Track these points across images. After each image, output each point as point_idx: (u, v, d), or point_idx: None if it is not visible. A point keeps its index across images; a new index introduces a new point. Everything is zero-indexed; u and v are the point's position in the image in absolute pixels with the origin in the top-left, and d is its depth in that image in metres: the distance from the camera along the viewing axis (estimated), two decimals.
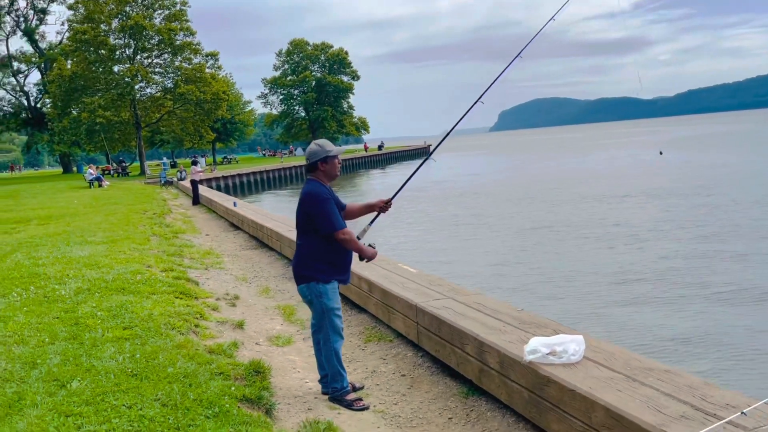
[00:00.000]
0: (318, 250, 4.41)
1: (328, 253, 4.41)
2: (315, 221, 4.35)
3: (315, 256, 4.42)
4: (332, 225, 4.33)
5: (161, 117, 53.40)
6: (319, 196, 4.36)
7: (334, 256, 4.43)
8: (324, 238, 4.38)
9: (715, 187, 25.09)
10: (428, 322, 5.16)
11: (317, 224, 4.35)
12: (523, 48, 5.29)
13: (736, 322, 8.86)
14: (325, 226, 4.33)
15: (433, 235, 18.32)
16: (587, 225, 18.07)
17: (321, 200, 4.34)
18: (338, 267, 4.47)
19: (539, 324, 4.59)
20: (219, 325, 6.28)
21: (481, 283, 11.73)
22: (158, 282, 7.42)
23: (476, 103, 5.24)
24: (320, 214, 4.33)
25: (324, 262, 4.41)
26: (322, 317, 4.46)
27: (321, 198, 4.35)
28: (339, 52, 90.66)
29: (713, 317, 9.14)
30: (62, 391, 3.99)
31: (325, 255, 4.42)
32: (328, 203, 4.35)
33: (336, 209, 4.40)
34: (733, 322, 8.90)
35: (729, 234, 15.29)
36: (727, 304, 9.74)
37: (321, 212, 4.32)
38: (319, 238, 4.40)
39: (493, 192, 30.30)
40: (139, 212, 17.09)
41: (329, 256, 4.42)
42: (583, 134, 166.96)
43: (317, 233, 4.38)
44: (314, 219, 4.35)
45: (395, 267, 7.17)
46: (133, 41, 50.17)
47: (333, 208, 4.36)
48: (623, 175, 33.71)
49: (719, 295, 10.19)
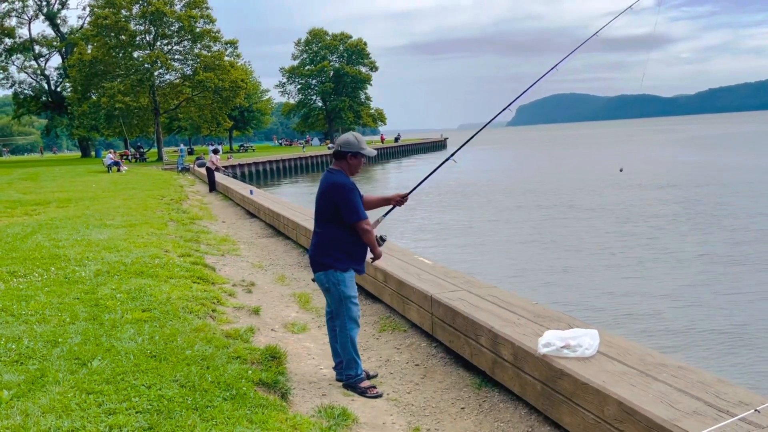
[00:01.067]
0: (337, 238, 4.48)
1: (347, 242, 4.48)
2: (341, 210, 4.41)
3: (334, 244, 4.48)
4: (358, 214, 4.41)
5: (180, 104, 53.73)
6: (346, 185, 4.43)
7: (352, 246, 4.50)
8: (344, 228, 4.45)
9: (737, 187, 24.84)
10: (443, 313, 5.20)
11: (343, 213, 4.41)
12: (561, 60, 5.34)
13: (754, 320, 8.81)
14: (351, 215, 4.40)
15: (450, 228, 18.32)
16: (606, 221, 17.98)
17: (348, 189, 4.41)
18: (355, 257, 4.54)
19: (554, 318, 4.61)
20: (235, 310, 6.36)
21: (497, 276, 11.75)
22: (176, 267, 7.52)
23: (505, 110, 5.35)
24: (347, 203, 4.40)
25: (342, 250, 4.48)
26: (339, 305, 4.52)
27: (348, 187, 4.42)
28: (358, 42, 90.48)
29: (731, 314, 9.10)
30: (83, 369, 4.09)
31: (343, 244, 4.48)
32: (355, 193, 4.43)
33: (360, 200, 4.47)
34: (751, 319, 8.85)
35: (752, 233, 15.16)
36: (747, 302, 9.68)
37: (348, 201, 4.40)
38: (338, 227, 4.46)
39: (511, 187, 30.21)
40: (157, 198, 17.26)
41: (347, 246, 4.49)
42: (603, 131, 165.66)
43: (338, 222, 4.44)
44: (340, 207, 4.41)
45: (411, 258, 7.21)
46: (153, 27, 50.48)
47: (359, 198, 4.46)
48: (639, 172, 33.45)
49: (738, 294, 10.13)
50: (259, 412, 3.61)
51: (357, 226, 4.42)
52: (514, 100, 5.31)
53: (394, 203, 4.90)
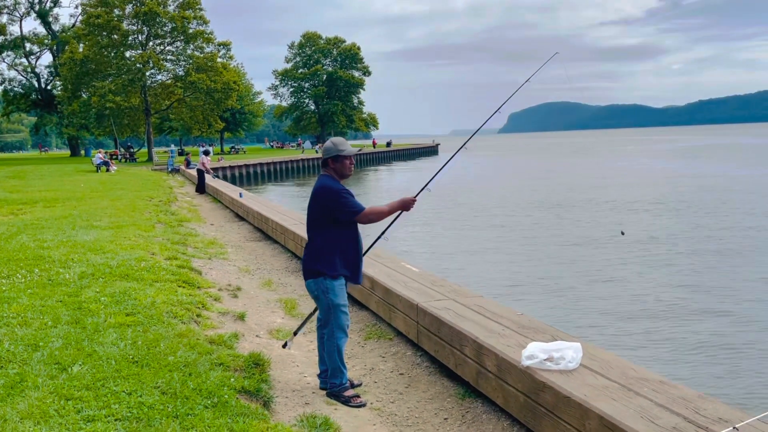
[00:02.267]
0: (327, 245, 4.44)
1: (337, 248, 4.44)
2: (335, 212, 4.38)
3: (325, 249, 4.44)
4: (354, 208, 4.37)
5: (171, 104, 53.56)
6: (333, 187, 4.41)
7: (343, 253, 4.46)
8: (335, 234, 4.41)
9: (725, 199, 25.02)
10: (428, 323, 5.19)
11: (338, 214, 4.37)
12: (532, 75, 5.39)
13: (736, 336, 8.86)
14: (348, 212, 4.37)
15: (439, 237, 18.34)
16: (595, 232, 18.06)
17: (336, 190, 4.39)
18: (348, 263, 4.49)
19: (538, 329, 4.61)
20: (220, 315, 6.33)
21: (484, 285, 11.76)
22: (162, 270, 7.47)
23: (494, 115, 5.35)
24: (339, 203, 4.37)
25: (334, 256, 4.43)
26: (328, 313, 4.49)
27: (335, 188, 4.40)
28: (351, 47, 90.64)
29: (715, 328, 9.15)
30: (63, 374, 4.04)
31: (335, 249, 4.44)
32: (344, 191, 4.39)
33: (352, 197, 4.43)
34: (733, 335, 8.89)
35: (735, 246, 15.26)
36: (730, 317, 9.74)
37: (339, 201, 4.37)
38: (329, 234, 4.43)
39: (500, 195, 30.28)
40: (146, 199, 17.17)
41: (338, 252, 4.44)
42: (594, 140, 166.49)
43: (329, 228, 4.41)
44: (334, 210, 4.38)
45: (398, 266, 7.20)
46: (146, 27, 50.36)
47: (349, 195, 4.41)
48: (631, 184, 33.65)
49: (722, 309, 10.18)
50: (240, 421, 3.58)
51: (362, 219, 4.38)
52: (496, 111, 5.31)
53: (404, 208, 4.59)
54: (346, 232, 4.47)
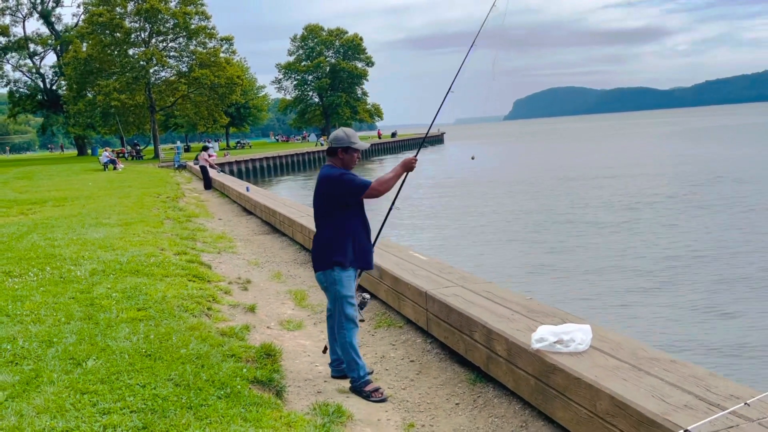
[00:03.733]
0: (337, 233, 4.42)
1: (348, 236, 4.43)
2: (345, 197, 4.37)
3: (335, 239, 4.43)
4: (361, 185, 4.36)
5: (175, 101, 53.57)
6: (333, 174, 4.41)
7: (354, 240, 4.45)
8: (342, 224, 4.41)
9: (730, 180, 24.88)
10: (438, 309, 5.21)
11: (347, 196, 4.37)
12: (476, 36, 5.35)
13: (745, 315, 8.83)
14: (356, 191, 4.36)
15: (446, 225, 18.33)
16: (601, 215, 18.00)
17: (339, 174, 4.39)
18: (358, 250, 4.48)
19: (547, 313, 4.62)
20: (231, 308, 6.37)
21: (491, 272, 11.77)
22: (171, 265, 7.52)
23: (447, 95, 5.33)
24: (345, 185, 4.36)
25: (344, 245, 4.42)
26: (335, 304, 4.51)
27: (338, 173, 4.40)
28: (353, 38, 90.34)
29: (723, 309, 9.12)
30: (78, 369, 4.09)
31: (345, 238, 4.43)
32: (346, 173, 4.40)
33: (354, 175, 4.43)
34: (742, 314, 8.87)
35: (743, 225, 15.19)
36: (738, 296, 9.71)
37: (344, 183, 4.36)
38: (337, 224, 4.42)
39: (505, 181, 30.21)
40: (153, 195, 17.25)
41: (349, 240, 4.43)
42: (599, 124, 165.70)
43: (336, 219, 4.40)
44: (343, 193, 4.37)
45: (406, 254, 7.22)
46: (148, 25, 50.31)
47: (351, 176, 4.41)
48: (636, 165, 33.50)
49: (730, 287, 10.15)
50: (254, 411, 3.62)
51: (372, 194, 4.35)
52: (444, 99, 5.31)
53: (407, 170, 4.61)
54: (354, 220, 4.46)
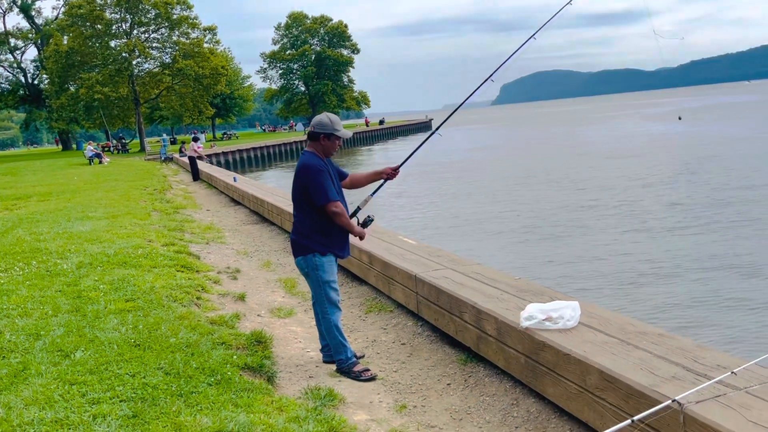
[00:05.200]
0: (315, 221, 4.43)
1: (326, 225, 4.43)
2: (309, 192, 4.36)
3: (313, 227, 4.44)
4: (325, 196, 4.33)
5: (160, 93, 53.13)
6: (314, 167, 4.37)
7: (332, 229, 4.45)
8: (320, 210, 4.40)
9: (720, 161, 25.04)
10: (427, 292, 5.22)
11: (311, 195, 4.36)
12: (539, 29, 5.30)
13: (730, 289, 8.92)
14: (318, 198, 4.34)
15: (436, 210, 18.34)
16: (585, 194, 18.08)
17: (315, 171, 4.35)
18: (335, 239, 4.49)
19: (536, 291, 4.64)
20: (220, 297, 6.34)
21: (481, 253, 11.81)
22: (159, 256, 7.47)
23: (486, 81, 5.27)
24: (315, 185, 4.33)
25: (322, 233, 4.43)
26: (318, 290, 4.50)
27: (316, 169, 4.35)
28: (338, 25, 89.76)
29: (708, 284, 9.21)
30: (66, 360, 4.06)
31: (322, 227, 4.43)
32: (322, 174, 4.35)
33: (330, 182, 4.39)
34: (727, 288, 8.96)
35: (729, 202, 15.30)
36: (722, 271, 9.80)
37: (315, 183, 4.33)
38: (315, 210, 4.42)
39: (491, 165, 30.25)
40: (140, 188, 17.13)
41: (327, 228, 4.44)
42: (586, 107, 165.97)
43: (313, 205, 4.40)
44: (309, 190, 4.36)
45: (395, 239, 7.21)
46: (129, 15, 49.74)
47: (327, 181, 4.37)
48: (624, 148, 33.64)
49: (714, 263, 10.24)
50: (245, 396, 3.61)
51: (326, 209, 4.34)
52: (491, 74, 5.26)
53: (386, 176, 4.76)
54: None
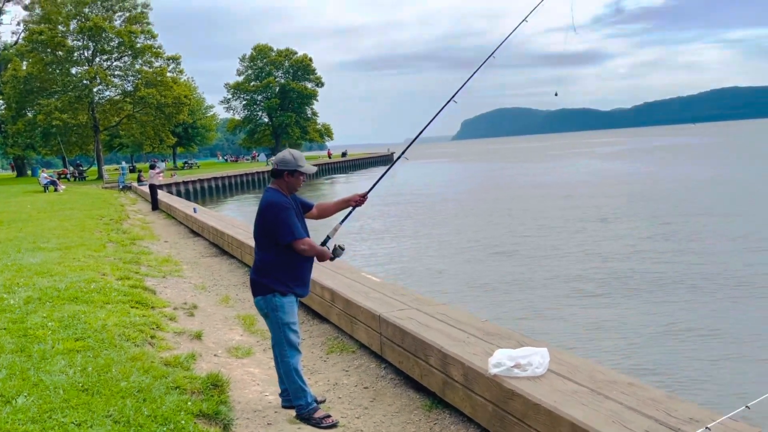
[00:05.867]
0: (277, 260, 4.28)
1: (288, 264, 4.28)
2: (275, 230, 4.23)
3: (274, 266, 4.29)
4: (291, 233, 4.21)
5: (120, 120, 52.37)
6: (278, 204, 4.24)
7: (294, 268, 4.30)
8: (283, 248, 4.26)
9: (670, 198, 25.68)
10: (392, 333, 5.08)
11: (277, 233, 4.23)
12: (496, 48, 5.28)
13: (698, 331, 8.98)
14: (284, 235, 4.21)
15: (400, 245, 18.25)
16: (551, 234, 18.25)
17: (280, 208, 4.23)
18: (297, 279, 4.34)
19: (503, 335, 4.55)
20: (176, 335, 6.09)
21: (446, 291, 11.74)
22: (113, 291, 7.18)
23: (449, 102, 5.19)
24: (279, 223, 4.21)
25: (283, 273, 4.28)
26: (277, 331, 4.32)
27: (281, 206, 4.23)
28: (303, 58, 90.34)
29: (676, 326, 9.25)
30: (6, 407, 3.79)
31: (284, 266, 4.28)
32: (288, 211, 4.23)
33: (295, 219, 4.28)
34: (695, 330, 9.02)
35: (697, 243, 15.59)
36: (692, 313, 9.89)
37: (280, 221, 4.21)
38: (278, 248, 4.27)
39: (459, 201, 30.44)
40: (96, 218, 16.65)
41: (288, 268, 4.29)
42: (544, 144, 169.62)
43: (277, 244, 4.26)
44: (274, 228, 4.23)
45: (359, 276, 7.08)
46: (92, 43, 49.17)
47: (293, 217, 4.25)
48: (581, 185, 34.30)
49: (683, 306, 10.34)
50: None
51: (293, 247, 4.22)
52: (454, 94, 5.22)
53: (354, 204, 4.65)
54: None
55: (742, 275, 12.05)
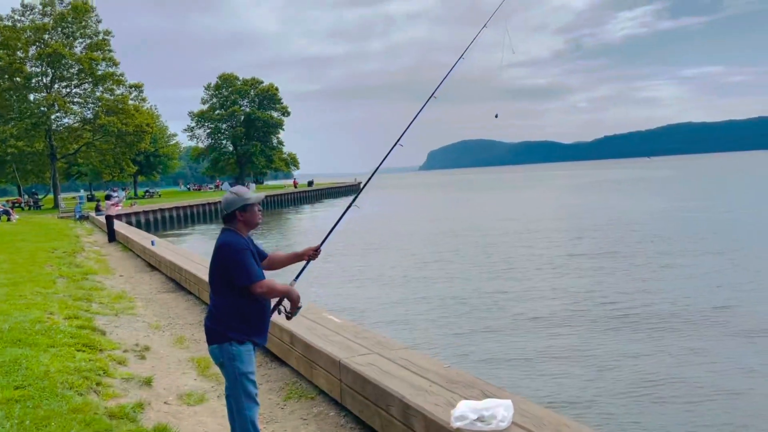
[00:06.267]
0: (233, 306, 4.04)
1: (245, 310, 4.04)
2: (231, 273, 4.01)
3: (230, 313, 4.04)
4: (249, 277, 3.99)
5: (79, 149, 51.34)
6: (235, 245, 4.03)
7: (251, 314, 4.06)
8: (240, 293, 4.04)
9: (641, 233, 26.07)
10: (352, 380, 4.88)
11: (233, 276, 4.00)
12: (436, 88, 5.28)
13: (665, 380, 8.83)
14: (242, 278, 3.98)
15: (362, 282, 18.01)
16: (515, 274, 18.22)
17: (237, 250, 4.01)
18: (255, 326, 4.09)
19: (467, 383, 4.39)
20: (124, 382, 5.77)
21: (409, 327, 11.55)
22: (59, 332, 6.83)
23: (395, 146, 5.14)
24: (236, 265, 3.98)
25: (240, 320, 4.03)
26: (234, 382, 4.06)
27: (237, 248, 4.01)
28: (269, 87, 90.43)
29: (638, 373, 9.09)
30: None
31: (241, 312, 4.04)
32: (245, 253, 4.01)
33: (252, 260, 4.06)
34: (662, 379, 8.86)
35: (658, 287, 15.64)
36: (655, 358, 9.78)
37: (237, 263, 3.98)
38: (235, 293, 4.04)
39: (422, 236, 30.38)
40: (48, 250, 16.08)
41: (246, 314, 4.05)
42: (507, 176, 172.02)
43: (233, 288, 4.03)
44: (230, 270, 4.01)
45: (320, 317, 6.85)
46: (50, 69, 48.32)
47: (250, 259, 4.03)
48: (542, 220, 34.66)
49: (645, 350, 10.28)
50: None
51: (251, 291, 3.98)
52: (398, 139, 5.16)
53: (308, 258, 4.46)
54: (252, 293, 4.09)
55: (707, 316, 12.09)
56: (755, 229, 25.06)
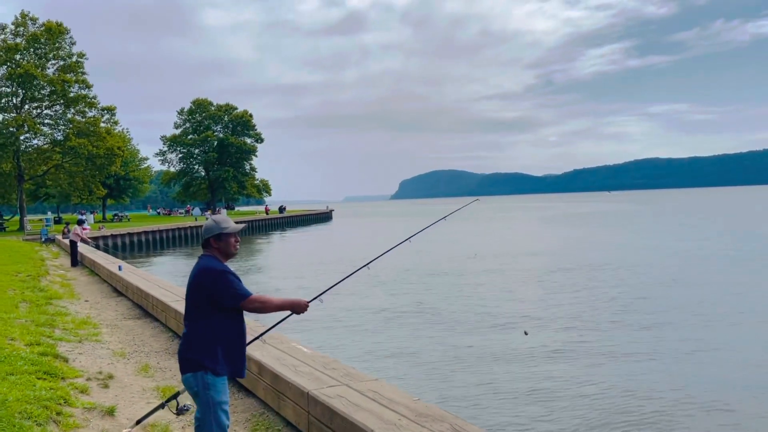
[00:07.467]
0: (211, 335, 3.94)
1: (223, 339, 3.96)
2: (217, 296, 3.92)
3: (207, 342, 3.95)
4: (239, 294, 3.92)
5: (48, 170, 50.48)
6: (216, 268, 3.97)
7: (229, 344, 3.99)
8: (219, 323, 3.96)
9: (614, 266, 26.38)
10: (320, 413, 4.81)
11: (220, 299, 3.92)
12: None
13: (641, 404, 8.97)
14: (231, 298, 3.91)
15: (332, 311, 17.88)
16: (485, 304, 18.29)
17: (218, 272, 3.95)
18: (232, 356, 4.01)
19: (436, 417, 4.36)
20: (86, 412, 5.62)
21: (378, 357, 11.46)
22: (19, 359, 6.64)
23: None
24: (222, 286, 3.91)
25: (217, 348, 3.95)
26: (207, 412, 3.97)
27: (218, 270, 3.96)
28: (243, 114, 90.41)
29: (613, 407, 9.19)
30: None
31: (219, 340, 3.95)
32: (227, 275, 3.96)
33: (237, 279, 4.02)
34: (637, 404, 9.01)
35: (638, 316, 15.89)
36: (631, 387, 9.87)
37: (222, 284, 3.91)
38: (213, 322, 3.95)
39: (394, 266, 30.35)
40: (11, 273, 15.69)
41: (223, 344, 3.97)
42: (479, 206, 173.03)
43: (212, 316, 3.95)
44: (215, 294, 3.92)
45: (288, 346, 6.78)
46: (21, 90, 47.68)
47: (234, 278, 3.99)
48: (519, 253, 34.93)
49: (620, 381, 10.38)
50: None
51: (246, 307, 3.94)
52: None
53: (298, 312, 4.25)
54: (230, 322, 4.01)
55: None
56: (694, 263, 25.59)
